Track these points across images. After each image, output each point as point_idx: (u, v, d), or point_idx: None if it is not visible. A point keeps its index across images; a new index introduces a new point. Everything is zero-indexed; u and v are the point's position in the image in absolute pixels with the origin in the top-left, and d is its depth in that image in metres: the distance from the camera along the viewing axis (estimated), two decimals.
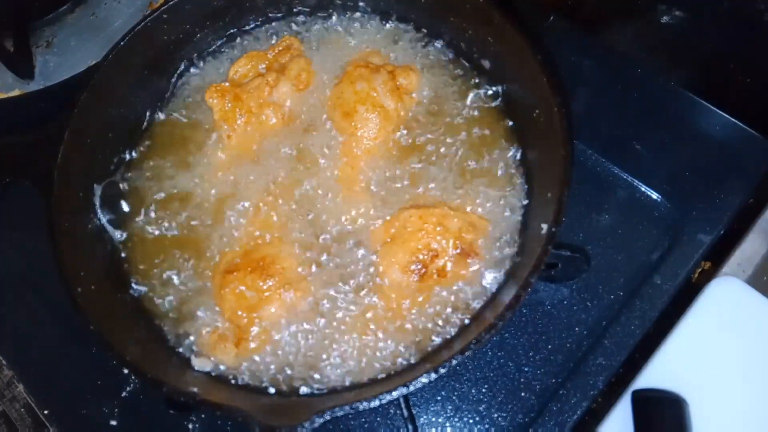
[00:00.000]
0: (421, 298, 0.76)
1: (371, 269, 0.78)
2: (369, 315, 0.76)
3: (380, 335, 0.75)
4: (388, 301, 0.76)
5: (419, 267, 0.75)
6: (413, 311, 0.76)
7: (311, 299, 0.77)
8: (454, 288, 0.76)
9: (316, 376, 0.74)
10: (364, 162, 0.84)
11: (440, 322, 0.75)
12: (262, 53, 0.92)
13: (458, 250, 0.75)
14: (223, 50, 0.96)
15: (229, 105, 0.86)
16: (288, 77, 0.87)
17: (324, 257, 0.79)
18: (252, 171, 0.85)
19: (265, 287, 0.75)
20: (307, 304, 0.76)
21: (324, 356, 0.74)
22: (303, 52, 0.92)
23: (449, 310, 0.75)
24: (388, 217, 0.80)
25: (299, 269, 0.78)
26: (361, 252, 0.79)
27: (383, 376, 0.73)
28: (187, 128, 0.90)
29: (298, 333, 0.76)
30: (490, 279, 0.76)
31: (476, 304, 0.75)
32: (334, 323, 0.76)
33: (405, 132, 0.85)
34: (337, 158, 0.84)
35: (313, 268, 0.78)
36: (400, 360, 0.74)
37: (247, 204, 0.83)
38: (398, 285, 0.76)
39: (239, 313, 0.75)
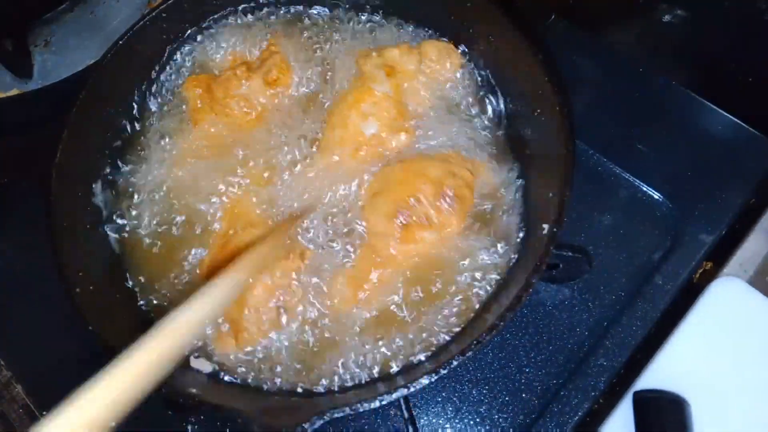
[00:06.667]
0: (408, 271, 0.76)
1: (357, 229, 0.78)
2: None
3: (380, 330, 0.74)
4: (376, 254, 0.76)
5: (405, 215, 0.75)
6: (411, 301, 0.75)
7: (296, 274, 0.76)
8: (456, 288, 0.76)
9: (315, 373, 0.73)
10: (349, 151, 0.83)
11: (441, 322, 0.75)
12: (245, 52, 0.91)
13: (443, 199, 0.76)
14: (223, 50, 0.95)
15: (200, 96, 0.85)
16: (260, 72, 0.86)
17: (304, 235, 0.78)
18: (222, 162, 0.84)
19: None
20: (292, 280, 0.75)
21: (324, 352, 0.74)
22: (280, 49, 0.90)
23: (452, 309, 0.75)
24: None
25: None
26: (342, 219, 0.79)
27: (383, 375, 0.73)
28: (182, 126, 0.89)
29: (293, 319, 0.75)
30: (492, 280, 0.76)
31: (477, 305, 0.75)
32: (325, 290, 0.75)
33: (402, 124, 0.85)
34: (311, 152, 0.83)
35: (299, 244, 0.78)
36: (398, 360, 0.73)
37: (216, 198, 0.82)
38: (384, 236, 0.76)
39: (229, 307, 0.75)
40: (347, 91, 0.85)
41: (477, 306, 0.75)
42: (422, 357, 0.73)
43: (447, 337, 0.74)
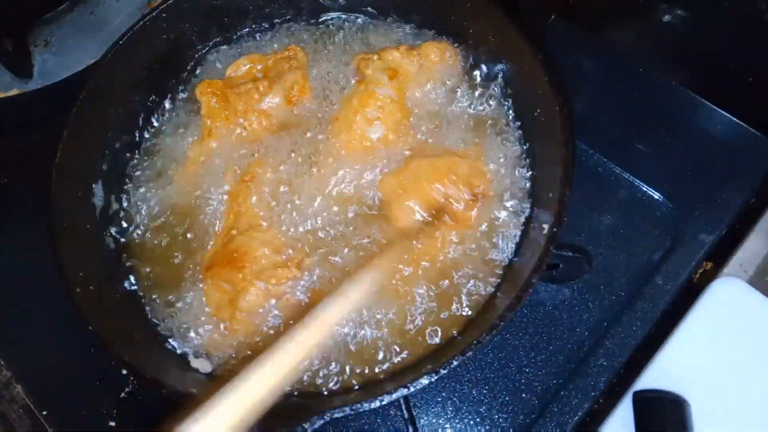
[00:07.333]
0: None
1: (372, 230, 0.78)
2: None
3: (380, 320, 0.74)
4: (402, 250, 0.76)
5: (433, 212, 0.76)
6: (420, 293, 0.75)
7: (300, 282, 0.76)
8: (456, 287, 0.76)
9: (316, 373, 0.73)
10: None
11: (442, 321, 0.75)
12: (264, 57, 0.91)
13: (469, 195, 0.77)
14: (224, 50, 0.95)
15: (216, 103, 0.85)
16: (280, 88, 0.86)
17: (311, 238, 0.79)
18: (229, 166, 0.84)
19: (238, 278, 0.74)
20: (292, 288, 0.76)
21: (324, 352, 0.74)
22: (305, 65, 0.91)
23: (453, 308, 0.75)
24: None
25: (275, 255, 0.77)
26: (356, 220, 0.79)
27: (383, 375, 0.73)
28: (182, 126, 0.90)
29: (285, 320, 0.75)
30: (492, 279, 0.76)
31: (477, 305, 0.75)
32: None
33: (407, 125, 0.85)
34: (318, 158, 0.83)
35: (300, 250, 0.78)
36: (398, 360, 0.73)
37: (220, 200, 0.82)
38: (406, 232, 0.76)
39: (222, 307, 0.75)
40: (350, 95, 0.85)
41: (477, 306, 0.75)
42: (423, 356, 0.73)
43: (447, 337, 0.74)
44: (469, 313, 0.75)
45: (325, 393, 0.72)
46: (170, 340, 0.77)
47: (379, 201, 0.80)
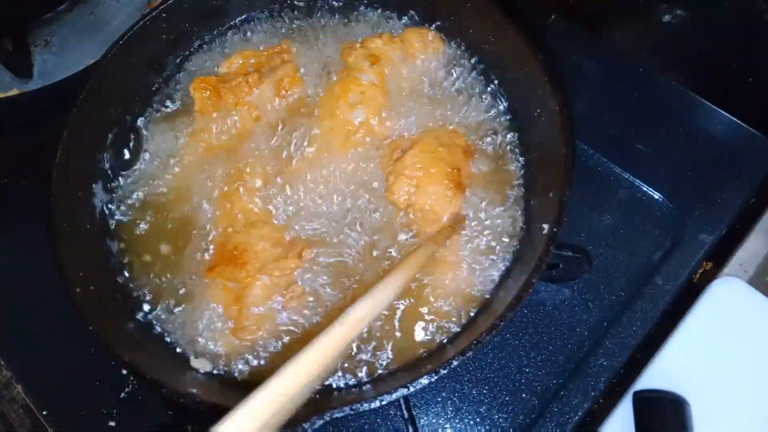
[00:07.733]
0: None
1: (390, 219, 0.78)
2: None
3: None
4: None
5: (452, 185, 0.77)
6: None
7: (298, 276, 0.76)
8: (456, 287, 0.76)
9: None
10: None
11: (442, 321, 0.75)
12: (257, 52, 0.91)
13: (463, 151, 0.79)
14: (223, 50, 0.95)
15: (208, 98, 0.85)
16: (271, 80, 0.86)
17: (308, 228, 0.79)
18: (224, 163, 0.84)
19: (242, 275, 0.75)
20: (293, 282, 0.76)
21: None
22: (294, 58, 0.91)
23: (452, 308, 0.75)
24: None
25: (275, 248, 0.77)
26: (359, 209, 0.79)
27: (383, 375, 0.73)
28: (181, 125, 0.89)
29: (292, 317, 0.75)
30: (492, 279, 0.76)
31: (477, 305, 0.75)
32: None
33: (390, 110, 0.85)
34: (309, 147, 0.84)
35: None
36: (398, 360, 0.73)
37: (217, 198, 0.82)
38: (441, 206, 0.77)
39: (229, 305, 0.75)
40: (334, 83, 0.86)
41: (477, 306, 0.75)
42: (423, 356, 0.73)
43: (447, 337, 0.74)
44: (468, 313, 0.75)
45: (325, 393, 0.72)
46: (170, 340, 0.77)
47: (371, 185, 0.81)
